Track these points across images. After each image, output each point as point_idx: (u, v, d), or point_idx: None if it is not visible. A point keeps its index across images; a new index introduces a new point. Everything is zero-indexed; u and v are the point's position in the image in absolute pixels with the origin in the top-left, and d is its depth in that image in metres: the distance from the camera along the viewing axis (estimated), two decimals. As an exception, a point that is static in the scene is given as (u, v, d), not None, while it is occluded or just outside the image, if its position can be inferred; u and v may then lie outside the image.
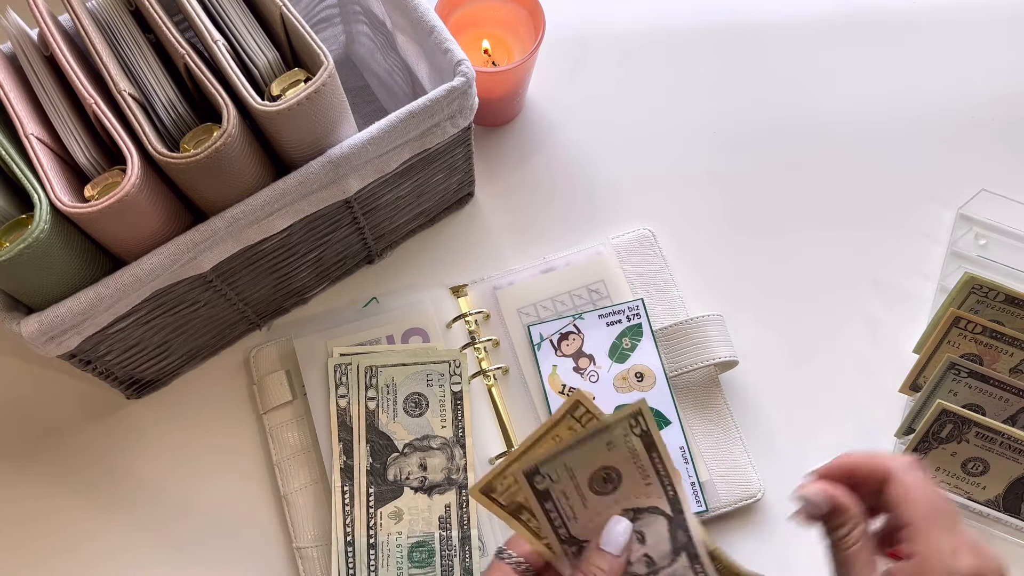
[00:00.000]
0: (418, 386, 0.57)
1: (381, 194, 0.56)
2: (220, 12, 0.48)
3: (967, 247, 0.64)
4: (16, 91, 0.47)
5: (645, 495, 0.40)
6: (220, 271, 0.52)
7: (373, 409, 0.57)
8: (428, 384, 0.58)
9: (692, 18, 0.73)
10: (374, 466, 0.56)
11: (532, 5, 0.62)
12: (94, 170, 0.46)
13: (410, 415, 0.57)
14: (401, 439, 0.57)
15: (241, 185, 0.48)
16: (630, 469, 0.40)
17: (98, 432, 0.60)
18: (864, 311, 0.62)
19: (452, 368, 0.58)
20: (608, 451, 0.39)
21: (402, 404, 0.57)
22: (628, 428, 0.39)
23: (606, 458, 0.39)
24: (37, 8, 0.48)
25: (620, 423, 0.38)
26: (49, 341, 0.47)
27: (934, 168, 0.67)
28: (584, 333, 0.59)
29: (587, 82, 0.70)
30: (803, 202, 0.66)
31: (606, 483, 0.40)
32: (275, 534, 0.57)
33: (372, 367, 0.57)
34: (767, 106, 0.69)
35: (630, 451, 0.39)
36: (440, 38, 0.52)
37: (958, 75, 0.70)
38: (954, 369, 0.54)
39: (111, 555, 0.57)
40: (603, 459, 0.39)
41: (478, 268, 0.64)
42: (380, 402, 0.57)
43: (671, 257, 0.63)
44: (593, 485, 0.40)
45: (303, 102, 0.45)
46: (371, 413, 0.57)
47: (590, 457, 0.39)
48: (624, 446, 0.39)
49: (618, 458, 0.39)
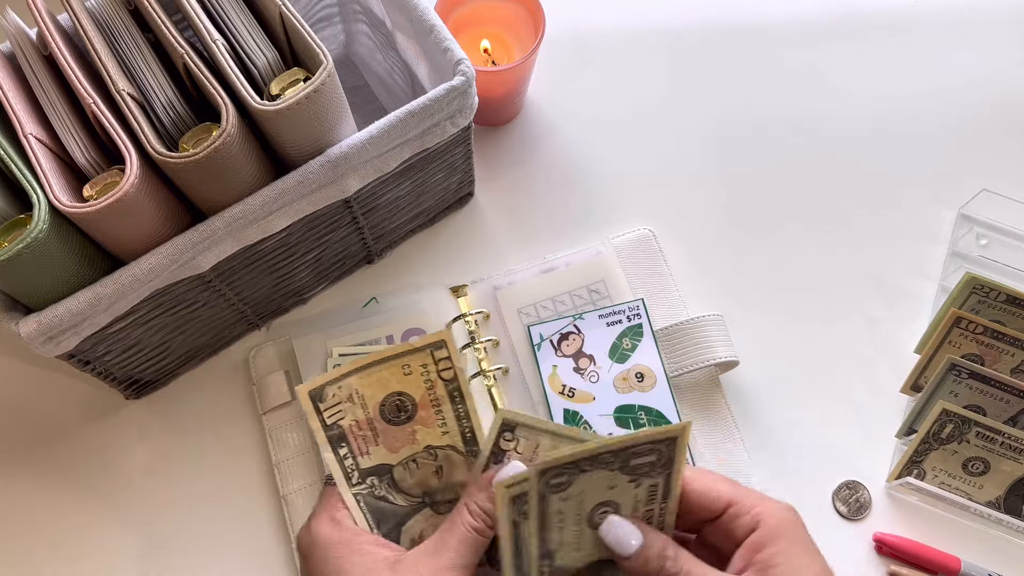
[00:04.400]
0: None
1: (381, 194, 0.56)
2: (219, 11, 0.48)
3: (968, 247, 0.64)
4: (15, 91, 0.47)
5: (439, 433, 0.40)
6: (219, 271, 0.52)
7: (372, 409, 0.57)
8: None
9: (692, 18, 0.73)
10: (373, 466, 0.56)
11: (532, 5, 0.62)
12: (93, 170, 0.46)
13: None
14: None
15: (240, 185, 0.47)
16: (424, 401, 0.39)
17: (97, 432, 0.59)
18: (865, 311, 0.62)
19: (452, 368, 0.58)
20: (404, 376, 0.39)
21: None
22: (430, 356, 0.39)
23: (400, 384, 0.39)
24: (36, 7, 0.48)
25: (421, 351, 0.38)
26: (48, 341, 0.47)
27: (935, 168, 0.67)
28: (584, 333, 0.59)
29: (587, 82, 0.70)
30: (803, 202, 0.66)
31: (399, 412, 0.39)
32: (275, 534, 0.57)
33: (371, 367, 0.57)
34: (768, 106, 0.69)
35: (426, 382, 0.39)
36: (440, 37, 0.52)
37: (960, 74, 0.70)
38: (955, 370, 0.54)
39: (108, 554, 0.57)
40: (396, 385, 0.39)
41: (478, 268, 0.64)
42: (379, 402, 0.57)
43: (671, 257, 0.63)
44: (385, 412, 0.39)
45: (302, 101, 0.45)
46: (370, 413, 0.57)
47: (383, 381, 0.39)
48: (420, 375, 0.39)
49: (412, 386, 0.39)
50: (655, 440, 0.37)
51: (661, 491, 0.39)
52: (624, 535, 0.38)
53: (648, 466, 0.38)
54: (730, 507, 0.38)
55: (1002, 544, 0.56)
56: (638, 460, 0.38)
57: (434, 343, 0.40)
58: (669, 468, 0.38)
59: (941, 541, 0.55)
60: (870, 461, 0.58)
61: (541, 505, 0.38)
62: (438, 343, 0.40)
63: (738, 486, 0.39)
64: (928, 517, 0.57)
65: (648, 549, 0.37)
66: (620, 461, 0.37)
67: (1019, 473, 0.54)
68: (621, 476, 0.38)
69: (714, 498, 0.39)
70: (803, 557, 0.36)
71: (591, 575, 0.40)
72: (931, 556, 0.54)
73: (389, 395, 0.40)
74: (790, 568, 0.35)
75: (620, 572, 0.39)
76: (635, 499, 0.38)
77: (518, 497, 0.38)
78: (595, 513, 0.39)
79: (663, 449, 0.38)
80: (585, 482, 0.38)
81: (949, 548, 0.55)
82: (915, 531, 0.56)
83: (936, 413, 0.53)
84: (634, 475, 0.38)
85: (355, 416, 0.40)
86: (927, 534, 0.56)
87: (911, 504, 0.57)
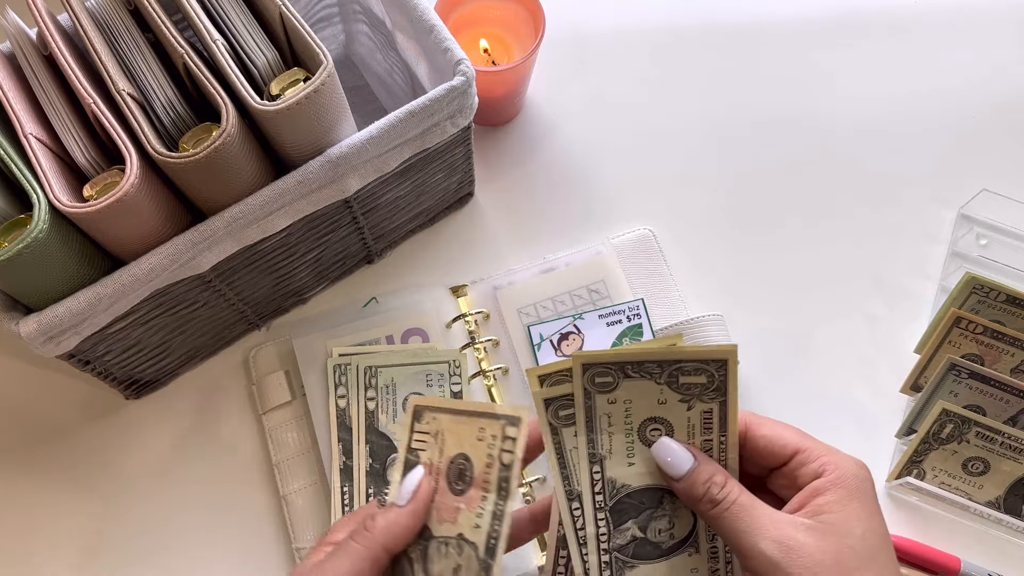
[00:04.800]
0: (418, 386, 0.57)
1: (381, 194, 0.56)
2: (219, 11, 0.48)
3: (968, 247, 0.64)
4: (15, 91, 0.47)
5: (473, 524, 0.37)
6: (219, 271, 0.52)
7: (372, 409, 0.57)
8: (428, 384, 0.57)
9: (692, 18, 0.73)
10: (374, 467, 0.56)
11: (532, 5, 0.62)
12: (93, 170, 0.46)
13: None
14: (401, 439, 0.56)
15: (240, 185, 0.47)
16: (479, 478, 0.36)
17: (97, 432, 0.59)
18: (865, 311, 0.62)
19: (452, 368, 0.58)
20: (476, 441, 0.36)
21: (402, 404, 0.57)
22: (500, 430, 0.36)
23: (471, 447, 0.37)
24: (36, 7, 0.48)
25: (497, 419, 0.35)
26: (48, 341, 0.47)
27: (935, 168, 0.67)
28: (584, 333, 0.59)
29: (587, 82, 0.70)
30: (803, 202, 0.66)
31: (460, 478, 0.37)
32: (274, 535, 0.57)
33: (372, 367, 0.57)
34: (767, 105, 0.69)
35: (488, 456, 0.36)
36: (440, 37, 0.52)
37: (960, 74, 0.70)
38: (955, 370, 0.54)
39: (108, 555, 0.57)
40: (468, 446, 0.37)
41: (478, 268, 0.64)
42: (380, 402, 0.57)
43: (671, 257, 0.63)
44: (450, 473, 0.37)
45: (302, 101, 0.45)
46: (370, 413, 0.57)
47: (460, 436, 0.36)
48: (487, 445, 0.36)
49: (477, 455, 0.36)
50: (702, 359, 0.37)
51: (717, 421, 0.38)
52: (675, 454, 0.37)
53: (699, 388, 0.37)
54: (797, 454, 0.38)
55: (1002, 544, 0.56)
56: (687, 378, 0.37)
57: (511, 417, 0.36)
58: (723, 396, 0.38)
59: (941, 541, 0.55)
60: (870, 461, 0.57)
61: (587, 402, 0.37)
62: (514, 419, 0.36)
63: (807, 436, 0.39)
64: (928, 517, 0.57)
65: (698, 473, 0.37)
66: (667, 375, 0.37)
67: (1019, 473, 0.54)
68: (671, 392, 0.37)
69: (782, 445, 0.38)
70: (859, 511, 0.35)
71: (650, 505, 0.39)
72: (931, 556, 0.54)
73: (459, 455, 0.37)
74: (841, 518, 0.35)
75: (678, 505, 0.39)
76: (689, 423, 0.38)
77: (555, 400, 0.37)
78: (647, 429, 0.38)
79: (713, 372, 0.37)
80: (632, 389, 0.37)
81: (949, 548, 0.55)
82: (915, 531, 0.56)
83: (936, 413, 0.53)
84: (685, 395, 0.38)
85: (431, 458, 0.38)
86: (927, 534, 0.56)
87: (911, 504, 0.57)
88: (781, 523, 0.35)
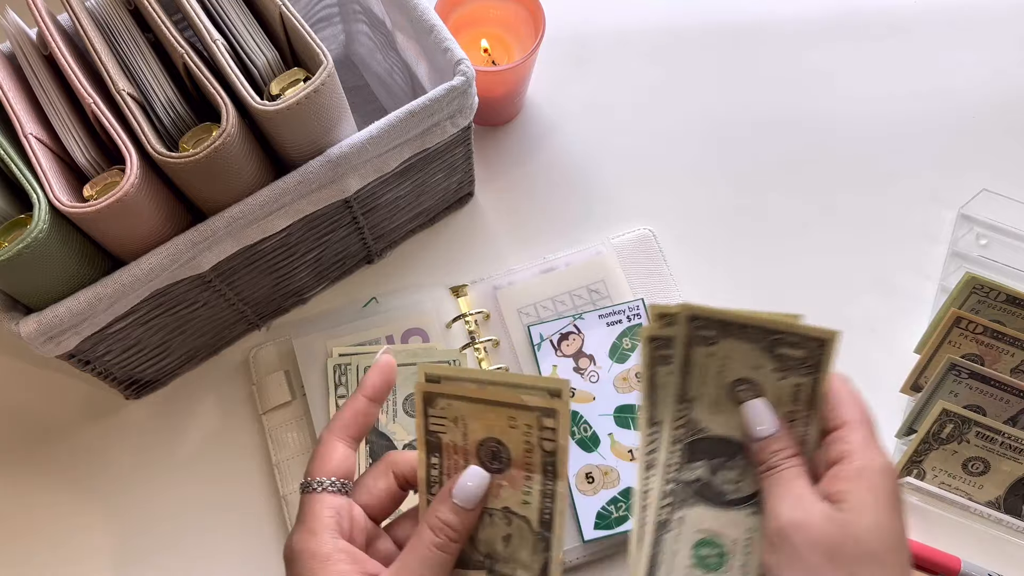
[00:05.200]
0: (418, 386, 0.57)
1: (381, 194, 0.56)
2: (219, 11, 0.48)
3: (968, 247, 0.64)
4: (15, 91, 0.47)
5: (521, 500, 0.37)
6: (219, 271, 0.52)
7: (373, 409, 0.57)
8: (428, 384, 0.57)
9: (692, 18, 0.73)
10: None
11: (532, 5, 0.62)
12: (93, 170, 0.46)
13: (410, 415, 0.57)
14: (401, 440, 0.56)
15: (240, 185, 0.47)
16: (520, 460, 0.37)
17: (97, 432, 0.59)
18: (865, 311, 0.62)
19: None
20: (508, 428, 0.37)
21: (402, 404, 0.57)
22: (536, 420, 0.36)
23: (504, 434, 0.37)
24: (36, 7, 0.48)
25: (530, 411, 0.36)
26: (48, 341, 0.47)
27: (935, 168, 0.67)
28: (584, 333, 0.59)
29: (587, 82, 0.70)
30: (803, 202, 0.66)
31: (494, 459, 0.38)
32: (274, 535, 0.57)
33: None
34: (767, 105, 0.69)
35: (526, 444, 0.37)
36: (440, 37, 0.52)
37: (959, 74, 0.70)
38: (955, 370, 0.54)
39: (108, 554, 0.57)
40: (499, 432, 0.37)
41: (478, 268, 0.64)
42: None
43: (671, 257, 0.63)
44: (481, 454, 0.38)
45: (302, 101, 0.45)
46: (371, 413, 0.57)
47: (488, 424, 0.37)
48: (524, 433, 0.37)
49: (514, 441, 0.37)
50: (803, 336, 0.38)
51: (805, 396, 0.39)
52: (764, 418, 0.38)
53: (796, 362, 0.38)
54: (839, 429, 0.38)
55: (1002, 544, 0.56)
56: (785, 350, 0.38)
57: (545, 408, 0.37)
58: (815, 373, 0.38)
59: (941, 541, 0.55)
60: (870, 461, 0.58)
61: (687, 350, 0.38)
62: (550, 410, 0.37)
63: (866, 420, 0.39)
64: (928, 517, 0.57)
65: (775, 441, 0.38)
66: (767, 343, 0.38)
67: (1019, 473, 0.54)
68: (767, 359, 0.38)
69: (835, 414, 0.38)
70: (873, 506, 0.35)
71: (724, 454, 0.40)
72: (931, 556, 0.54)
73: (490, 439, 0.38)
74: (852, 507, 0.35)
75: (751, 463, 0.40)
76: (779, 391, 0.39)
77: (658, 340, 0.39)
78: (736, 387, 0.39)
79: (812, 349, 0.38)
80: (731, 347, 0.38)
81: (949, 548, 0.55)
82: (915, 531, 0.56)
83: (936, 413, 0.53)
84: (781, 365, 0.38)
85: (454, 439, 0.38)
86: (927, 534, 0.56)
87: (911, 504, 0.57)
88: (806, 498, 0.36)
